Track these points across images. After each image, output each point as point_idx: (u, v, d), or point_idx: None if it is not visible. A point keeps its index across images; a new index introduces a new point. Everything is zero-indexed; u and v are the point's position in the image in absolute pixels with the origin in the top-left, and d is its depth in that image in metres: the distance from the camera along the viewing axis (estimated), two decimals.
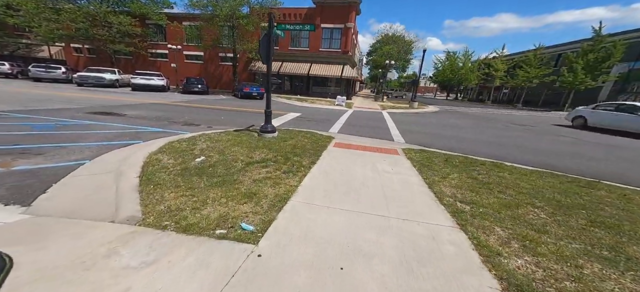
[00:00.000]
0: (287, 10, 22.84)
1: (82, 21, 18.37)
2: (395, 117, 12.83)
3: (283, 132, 6.28)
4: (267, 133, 5.65)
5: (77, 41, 21.32)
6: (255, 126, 7.05)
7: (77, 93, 12.53)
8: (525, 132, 9.57)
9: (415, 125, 10.19)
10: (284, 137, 5.81)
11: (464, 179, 3.91)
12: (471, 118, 14.21)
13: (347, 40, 22.29)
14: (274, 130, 5.83)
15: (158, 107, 9.66)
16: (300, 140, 5.66)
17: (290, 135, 6.03)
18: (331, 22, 22.14)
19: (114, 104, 9.41)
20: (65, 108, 7.47)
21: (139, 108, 8.80)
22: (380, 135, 7.49)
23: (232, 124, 7.45)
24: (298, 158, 4.38)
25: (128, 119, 6.77)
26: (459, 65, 44.59)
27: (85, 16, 18.70)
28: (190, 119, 7.67)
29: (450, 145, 6.74)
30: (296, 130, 6.89)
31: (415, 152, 5.52)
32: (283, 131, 6.45)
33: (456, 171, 4.31)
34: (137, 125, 6.05)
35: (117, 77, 17.53)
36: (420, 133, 8.32)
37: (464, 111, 19.39)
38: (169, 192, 2.69)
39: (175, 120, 7.11)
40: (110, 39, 19.76)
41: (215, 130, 6.20)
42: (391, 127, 9.24)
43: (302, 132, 6.57)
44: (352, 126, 8.86)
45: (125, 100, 11.41)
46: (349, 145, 5.96)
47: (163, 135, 5.33)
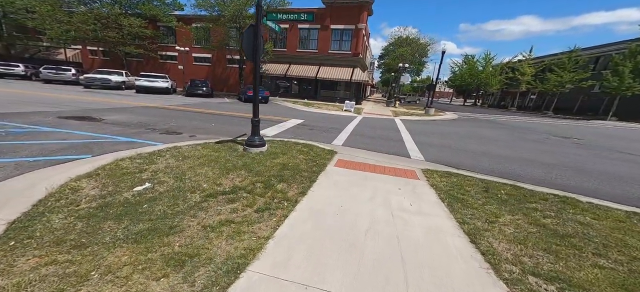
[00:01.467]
0: (296, 10, 22.17)
1: (93, 23, 18.75)
2: (410, 125, 11.48)
3: (275, 145, 5.27)
4: (254, 147, 4.65)
5: (91, 44, 21.98)
6: (246, 136, 6.11)
7: (75, 95, 12.36)
8: (577, 148, 7.89)
9: (434, 136, 8.83)
10: (275, 151, 4.79)
11: (523, 225, 2.67)
12: (499, 127, 12.51)
13: (358, 42, 21.23)
14: (263, 143, 4.82)
15: (148, 111, 9.05)
16: (294, 157, 4.61)
17: (283, 150, 5.00)
18: (341, 22, 21.22)
19: (101, 107, 8.90)
20: (39, 111, 6.95)
21: (124, 112, 8.20)
22: (394, 150, 6.28)
23: (221, 132, 6.56)
24: (284, 185, 3.32)
25: (101, 125, 6.08)
26: (478, 69, 42.05)
27: (97, 18, 19.09)
28: (175, 126, 6.89)
29: (483, 164, 5.41)
30: (293, 141, 5.86)
31: (440, 175, 4.28)
32: (276, 143, 5.44)
33: (506, 209, 3.06)
34: (105, 134, 5.29)
35: (124, 79, 17.55)
36: (442, 147, 6.99)
37: (487, 119, 17.54)
38: (33, 254, 1.70)
39: (156, 128, 6.34)
40: (121, 41, 20.03)
41: (195, 141, 5.30)
42: (406, 138, 7.97)
43: (299, 145, 5.53)
44: (360, 137, 7.70)
45: (118, 102, 10.99)
46: (354, 164, 4.82)
47: (128, 147, 4.49)
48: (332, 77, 21.59)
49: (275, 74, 22.93)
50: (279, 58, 23.16)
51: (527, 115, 25.40)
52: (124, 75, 17.95)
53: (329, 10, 21.24)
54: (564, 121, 18.63)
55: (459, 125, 12.75)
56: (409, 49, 31.17)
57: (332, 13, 21.26)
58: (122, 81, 17.37)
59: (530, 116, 23.35)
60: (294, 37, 22.83)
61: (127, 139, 5.12)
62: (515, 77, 33.81)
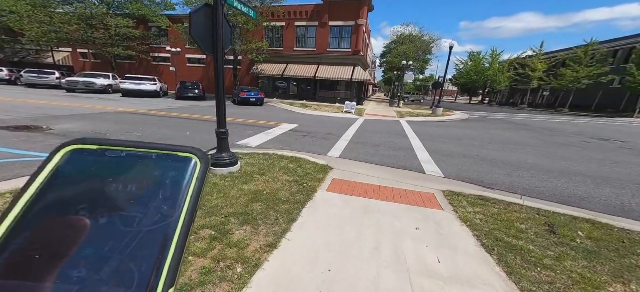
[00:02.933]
0: (292, 7, 21.29)
1: (76, 24, 17.97)
2: (418, 128, 10.32)
3: (254, 162, 4.19)
4: (220, 167, 3.58)
5: (80, 46, 21.28)
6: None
7: (50, 100, 11.47)
8: (632, 155, 6.59)
9: (448, 141, 7.66)
10: (250, 172, 3.72)
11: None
12: (520, 129, 11.26)
13: (358, 39, 20.16)
14: (233, 161, 3.74)
15: (118, 118, 8.04)
16: (274, 179, 3.53)
17: (263, 168, 3.93)
18: (341, 19, 20.18)
19: (62, 114, 7.90)
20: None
21: (85, 119, 7.17)
22: (402, 162, 5.16)
23: (192, 144, 5.50)
24: (246, 230, 2.26)
25: (39, 137, 5.04)
26: (484, 66, 40.62)
27: (81, 19, 18.30)
28: (137, 136, 5.85)
29: (522, 181, 4.25)
30: (278, 155, 4.78)
31: (470, 202, 3.17)
32: (256, 159, 4.36)
33: (606, 269, 1.92)
34: (31, 151, 4.24)
35: (110, 83, 16.71)
36: (461, 156, 5.83)
37: (501, 118, 16.24)
38: None
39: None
40: (109, 42, 19.23)
41: None
42: (416, 145, 6.83)
43: (284, 160, 4.45)
44: (362, 145, 6.59)
45: (92, 107, 10.06)
46: (353, 185, 3.72)
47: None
48: (331, 77, 20.53)
49: (271, 74, 21.98)
50: (276, 58, 22.21)
51: (542, 113, 23.96)
52: (111, 78, 17.10)
53: (327, 7, 20.23)
54: (587, 120, 17.23)
55: (472, 126, 11.53)
56: (412, 47, 30.00)
57: (330, 9, 20.25)
58: (108, 84, 16.53)
59: (545, 114, 21.94)
60: (290, 35, 21.87)
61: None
62: (526, 74, 32.34)
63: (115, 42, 19.55)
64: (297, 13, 21.25)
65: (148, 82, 16.22)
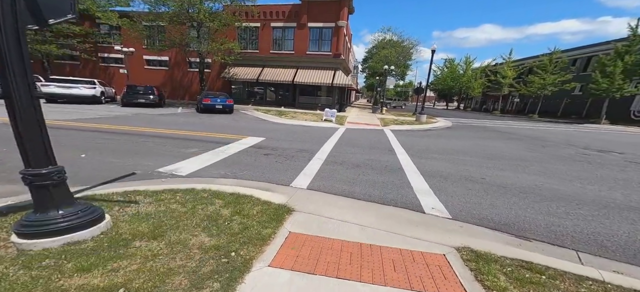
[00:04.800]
0: (268, 7, 19.85)
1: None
2: (404, 139, 9.28)
3: (152, 209, 2.57)
4: (46, 235, 1.86)
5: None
6: (124, 181, 3.32)
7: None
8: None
9: (440, 156, 6.60)
10: (133, 231, 2.14)
11: None
12: (508, 138, 10.78)
13: (338, 41, 19.24)
14: (85, 221, 2.06)
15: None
16: (173, 248, 1.99)
17: (163, 221, 2.35)
18: (320, 20, 19.15)
19: None
20: None
21: None
22: (392, 192, 3.87)
23: (82, 172, 3.67)
24: None
25: None
26: (459, 72, 42.53)
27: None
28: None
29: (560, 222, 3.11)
30: (213, 189, 3.22)
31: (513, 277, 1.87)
32: (164, 200, 2.75)
33: None
34: None
35: None
36: (463, 181, 4.69)
37: (483, 125, 16.11)
38: None
39: None
40: (38, 39, 15.97)
41: None
42: (405, 163, 5.62)
43: (218, 199, 2.93)
44: (340, 165, 5.21)
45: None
46: (318, 248, 2.26)
47: None
48: (311, 82, 19.27)
49: (245, 78, 20.15)
50: (250, 61, 20.47)
51: (515, 119, 24.95)
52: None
53: (306, 7, 19.11)
54: (562, 126, 17.85)
55: (460, 136, 10.83)
56: (393, 51, 30.09)
57: (309, 10, 19.16)
58: None
59: (519, 121, 22.74)
60: (266, 37, 20.33)
61: None
62: (497, 81, 34.13)
63: (46, 38, 16.29)
64: (274, 13, 19.85)
65: (83, 86, 13.47)
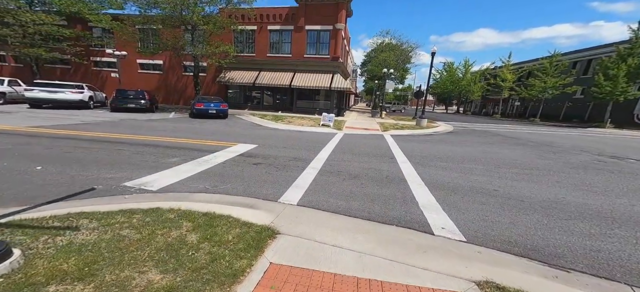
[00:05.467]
0: (265, 9, 19.64)
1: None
2: (406, 145, 8.82)
3: (94, 236, 2.05)
4: None
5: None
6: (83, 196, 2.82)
7: None
8: None
9: (445, 164, 6.13)
10: (53, 270, 1.63)
11: None
12: (514, 144, 10.35)
13: (337, 44, 18.98)
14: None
15: None
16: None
17: (103, 253, 1.83)
18: (317, 23, 18.94)
19: None
20: None
21: None
22: (394, 208, 3.40)
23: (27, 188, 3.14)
24: None
25: None
26: (458, 76, 42.54)
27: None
28: None
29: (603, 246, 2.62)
30: (182, 208, 2.74)
31: None
32: (114, 224, 2.23)
33: None
34: None
35: (3, 90, 13.19)
36: (475, 194, 4.21)
37: (486, 130, 15.72)
38: None
39: None
40: (26, 42, 15.51)
41: None
42: (408, 173, 5.15)
43: (185, 221, 2.41)
44: (336, 176, 4.72)
45: None
46: (305, 286, 1.70)
47: None
48: (309, 85, 18.91)
49: (242, 82, 19.76)
50: (247, 64, 20.14)
51: (517, 123, 24.65)
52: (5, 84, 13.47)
53: (303, 9, 18.92)
54: (566, 130, 17.49)
55: (464, 141, 10.39)
56: (392, 55, 29.95)
57: (306, 12, 18.95)
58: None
59: (522, 124, 22.42)
60: (263, 40, 20.06)
61: None
62: (496, 84, 34.02)
63: (35, 42, 15.83)
64: (271, 16, 19.63)
65: (69, 90, 12.95)
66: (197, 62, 17.15)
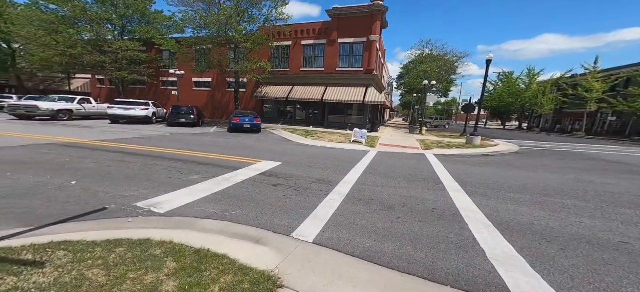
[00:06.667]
0: (299, 25, 20.59)
1: (82, 47, 18.44)
2: (456, 168, 7.33)
3: (52, 278, 1.71)
4: None
5: (96, 72, 22.10)
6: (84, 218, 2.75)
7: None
8: None
9: (524, 199, 4.67)
10: None
11: None
12: (629, 171, 7.70)
13: (371, 57, 18.38)
14: None
15: (33, 153, 6.29)
16: None
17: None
18: (351, 36, 18.82)
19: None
20: None
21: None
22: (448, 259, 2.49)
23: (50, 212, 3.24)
24: None
25: None
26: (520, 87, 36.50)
27: (88, 42, 18.88)
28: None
29: None
30: (174, 242, 2.36)
31: None
32: (88, 262, 1.96)
33: None
34: None
35: (70, 107, 14.47)
36: (587, 245, 2.88)
37: (571, 151, 12.40)
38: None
39: None
40: (116, 66, 19.52)
41: None
42: (464, 205, 4.01)
43: (172, 260, 1.97)
44: (366, 204, 3.93)
45: (27, 137, 8.76)
46: None
47: None
48: (341, 99, 18.54)
49: (276, 97, 20.67)
50: (281, 79, 21.10)
51: (615, 143, 19.11)
52: (76, 101, 15.18)
53: (336, 23, 19.13)
54: None
55: (540, 165, 8.19)
56: (434, 66, 27.57)
57: (339, 26, 19.10)
58: (61, 109, 13.84)
59: (620, 145, 17.23)
60: (297, 55, 20.88)
61: None
62: (578, 95, 27.70)
63: (122, 66, 19.83)
64: (305, 31, 20.45)
65: (138, 107, 15.35)
66: (238, 79, 18.70)
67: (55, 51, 17.64)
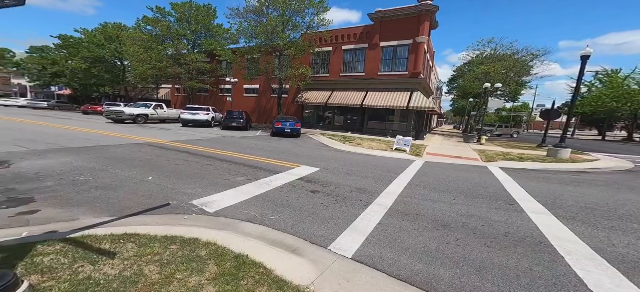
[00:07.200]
0: (340, 31, 20.66)
1: (166, 61, 22.72)
2: (536, 186, 5.93)
3: (118, 270, 1.98)
4: None
5: (175, 81, 27.08)
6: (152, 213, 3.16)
7: (95, 129, 13.48)
8: None
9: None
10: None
11: None
12: None
13: (417, 60, 16.99)
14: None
15: (118, 152, 7.40)
16: None
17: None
18: (395, 38, 17.84)
19: (67, 146, 8.21)
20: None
21: (76, 154, 6.49)
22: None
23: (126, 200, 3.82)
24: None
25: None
26: (631, 88, 27.81)
27: (171, 57, 23.08)
28: (82, 180, 4.66)
29: None
30: (215, 245, 2.50)
31: None
32: (147, 258, 2.18)
33: None
34: None
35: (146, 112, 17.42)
36: None
37: None
38: None
39: (32, 188, 3.83)
40: (187, 76, 23.44)
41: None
42: (552, 232, 3.18)
43: (203, 268, 2.04)
44: (412, 221, 3.50)
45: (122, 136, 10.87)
46: None
47: None
48: (382, 105, 17.65)
49: (316, 102, 21.11)
50: (321, 85, 21.45)
51: None
52: (152, 107, 18.06)
53: (379, 27, 18.44)
54: None
55: None
56: (500, 66, 23.50)
57: (382, 29, 18.35)
58: (138, 115, 16.70)
59: None
60: (338, 60, 20.94)
61: None
62: None
63: (193, 76, 23.69)
64: (345, 36, 20.40)
65: (201, 112, 17.83)
66: (281, 85, 19.91)
67: (149, 66, 22.46)
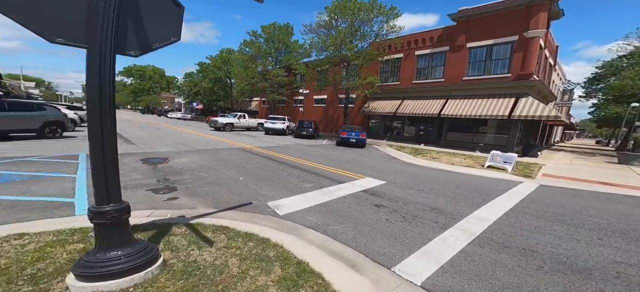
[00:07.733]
0: (412, 36, 19.00)
1: (256, 77, 27.74)
2: None
3: (212, 259, 2.52)
4: (94, 278, 1.84)
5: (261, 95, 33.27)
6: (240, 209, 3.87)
7: (207, 135, 17.36)
8: None
9: None
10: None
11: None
12: None
13: (526, 58, 13.33)
14: (137, 263, 2.04)
15: (223, 155, 9.00)
16: None
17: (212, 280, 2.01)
18: (488, 37, 14.77)
19: (206, 147, 10.78)
20: (132, 153, 7.95)
21: (200, 154, 8.76)
22: None
23: (226, 194, 4.76)
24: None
25: (148, 171, 6.55)
26: None
27: (260, 73, 28.12)
28: (204, 176, 6.16)
29: None
30: (281, 248, 2.82)
31: None
32: (232, 250, 2.68)
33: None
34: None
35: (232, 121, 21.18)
36: None
37: None
38: None
39: (171, 179, 5.31)
40: (270, 89, 27.88)
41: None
42: None
43: (270, 268, 2.39)
44: (519, 256, 2.78)
45: (221, 140, 13.59)
46: None
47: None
48: (468, 114, 14.77)
49: (383, 112, 20.13)
50: (389, 93, 20.29)
51: None
52: (236, 117, 21.92)
53: (464, 26, 15.73)
54: None
55: None
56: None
57: (468, 28, 15.56)
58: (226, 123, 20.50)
59: None
60: (409, 66, 19.28)
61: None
62: None
63: (274, 89, 28.02)
64: (419, 41, 18.57)
65: (278, 121, 20.61)
66: (348, 94, 20.20)
67: (246, 82, 28.58)
